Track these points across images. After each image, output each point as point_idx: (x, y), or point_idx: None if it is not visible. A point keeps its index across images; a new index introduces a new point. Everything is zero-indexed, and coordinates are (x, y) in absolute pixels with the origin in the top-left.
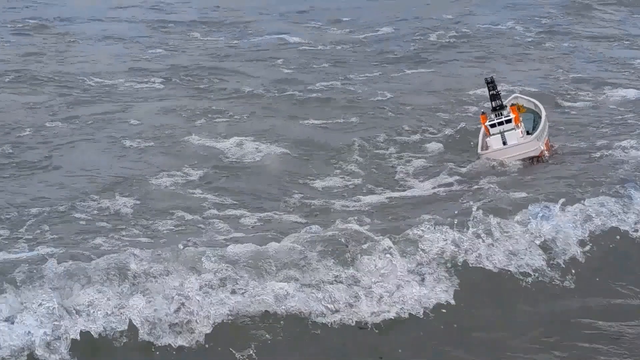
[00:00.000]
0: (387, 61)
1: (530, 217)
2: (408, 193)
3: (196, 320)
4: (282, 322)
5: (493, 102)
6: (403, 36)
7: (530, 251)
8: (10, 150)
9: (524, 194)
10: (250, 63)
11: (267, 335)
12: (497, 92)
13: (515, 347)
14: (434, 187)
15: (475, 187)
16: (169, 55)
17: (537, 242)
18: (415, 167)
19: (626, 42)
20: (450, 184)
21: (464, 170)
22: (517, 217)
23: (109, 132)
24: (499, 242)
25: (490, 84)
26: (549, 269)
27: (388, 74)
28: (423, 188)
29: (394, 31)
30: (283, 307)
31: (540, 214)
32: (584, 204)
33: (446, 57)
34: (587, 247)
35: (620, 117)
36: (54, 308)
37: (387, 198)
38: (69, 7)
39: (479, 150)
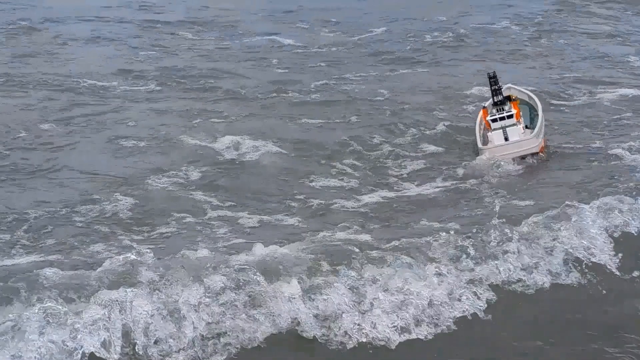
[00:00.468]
0: (383, 61)
1: (529, 217)
2: (407, 193)
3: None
4: (284, 326)
5: (495, 97)
6: (398, 37)
7: (530, 251)
8: (6, 153)
9: (524, 194)
10: (244, 64)
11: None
12: (499, 87)
13: (516, 347)
14: (433, 189)
15: (474, 188)
16: (161, 57)
17: (536, 242)
18: (413, 167)
19: (619, 39)
20: (449, 186)
21: (463, 171)
22: (516, 217)
23: (105, 134)
24: (498, 243)
25: (492, 79)
26: (549, 269)
27: (384, 74)
28: (422, 189)
29: (388, 32)
30: (287, 313)
31: (540, 215)
32: (587, 206)
33: (442, 57)
34: (587, 247)
35: (617, 116)
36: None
37: (387, 199)
38: (56, 9)
39: (480, 145)
